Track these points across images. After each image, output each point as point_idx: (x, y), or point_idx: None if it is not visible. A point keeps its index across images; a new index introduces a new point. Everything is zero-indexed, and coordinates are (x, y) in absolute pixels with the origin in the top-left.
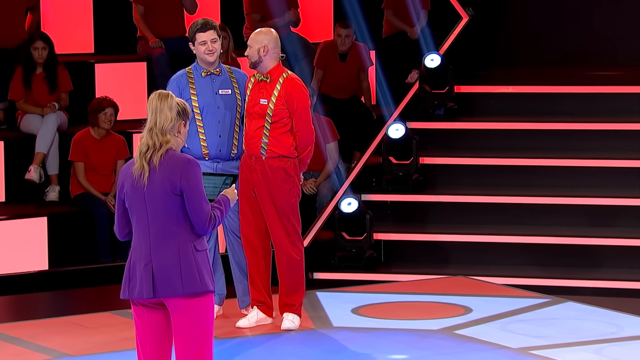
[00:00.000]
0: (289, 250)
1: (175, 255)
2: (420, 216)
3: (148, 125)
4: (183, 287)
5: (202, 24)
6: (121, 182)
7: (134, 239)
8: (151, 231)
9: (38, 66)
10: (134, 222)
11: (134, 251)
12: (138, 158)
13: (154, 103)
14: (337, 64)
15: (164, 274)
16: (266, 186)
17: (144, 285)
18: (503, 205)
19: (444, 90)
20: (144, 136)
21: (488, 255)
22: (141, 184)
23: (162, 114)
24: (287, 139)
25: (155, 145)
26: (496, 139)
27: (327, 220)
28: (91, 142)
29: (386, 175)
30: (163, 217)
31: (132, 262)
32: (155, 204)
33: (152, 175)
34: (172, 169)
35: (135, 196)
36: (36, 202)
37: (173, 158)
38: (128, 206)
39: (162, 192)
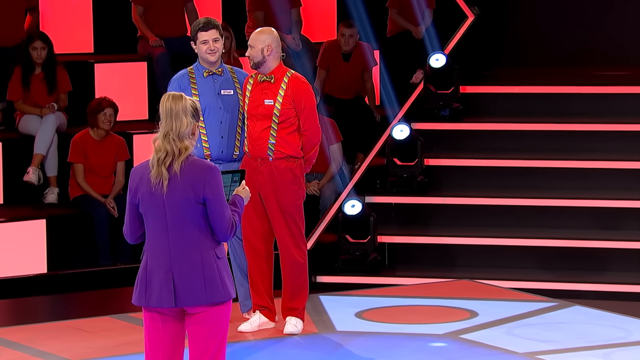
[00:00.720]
0: (293, 253)
1: (197, 264)
2: (425, 218)
3: (163, 130)
4: (207, 296)
5: (204, 22)
6: (134, 186)
7: (150, 245)
8: (171, 239)
9: (37, 66)
10: (150, 228)
11: (150, 258)
12: (155, 165)
13: (168, 106)
14: (340, 64)
15: (186, 283)
16: (273, 188)
17: (164, 294)
18: (509, 207)
19: (449, 91)
20: (158, 141)
21: (494, 259)
22: (160, 191)
23: (177, 119)
24: (294, 139)
25: (174, 151)
26: (502, 140)
27: (330, 222)
28: (90, 143)
29: (390, 177)
30: (184, 225)
31: (148, 269)
32: (175, 211)
33: (172, 183)
34: (193, 176)
35: (153, 202)
36: (35, 204)
37: (194, 165)
38: (143, 211)
39: (183, 201)
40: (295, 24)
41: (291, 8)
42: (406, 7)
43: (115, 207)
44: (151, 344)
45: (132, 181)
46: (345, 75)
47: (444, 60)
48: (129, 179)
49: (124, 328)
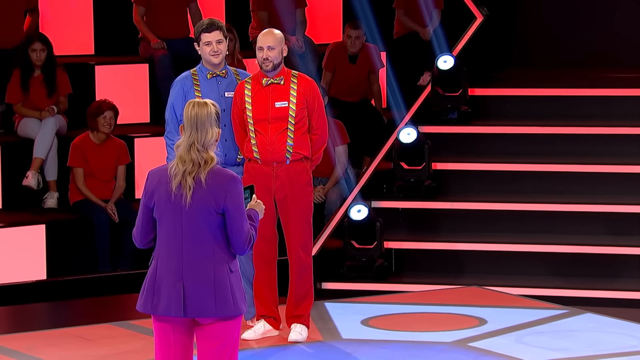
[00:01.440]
0: (302, 258)
1: (209, 276)
2: (432, 224)
3: (188, 141)
4: (216, 309)
5: (207, 24)
6: (151, 189)
7: (161, 251)
8: (185, 247)
9: (36, 68)
10: (164, 234)
11: (160, 264)
12: (180, 175)
13: (193, 114)
14: (346, 66)
15: (196, 294)
16: (291, 191)
17: (172, 303)
18: (519, 212)
19: (457, 93)
20: (182, 150)
21: (503, 265)
22: (181, 199)
23: (203, 129)
24: (306, 139)
25: (200, 162)
26: (512, 143)
27: (335, 228)
28: (91, 147)
29: (397, 182)
30: (200, 235)
31: (157, 275)
32: (193, 220)
33: (195, 193)
34: (216, 186)
35: (170, 209)
36: (34, 209)
37: (217, 174)
38: (157, 216)
39: (203, 210)
40: (299, 25)
41: (296, 8)
42: (413, 8)
43: (116, 212)
44: (161, 354)
45: (149, 184)
46: (352, 78)
47: (452, 62)
48: (146, 181)
49: (125, 336)
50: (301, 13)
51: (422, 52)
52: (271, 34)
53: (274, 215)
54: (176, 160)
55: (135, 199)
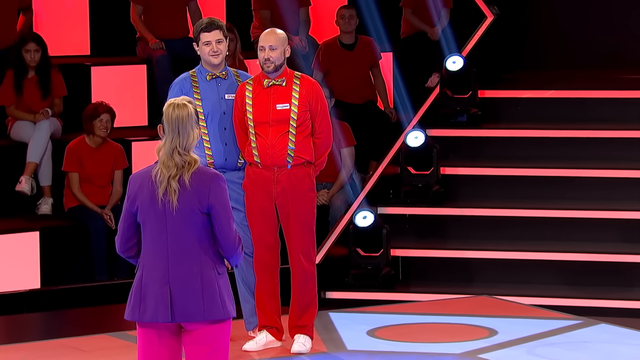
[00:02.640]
0: (305, 266)
1: (197, 278)
2: (441, 231)
3: (170, 145)
4: (204, 312)
5: (207, 23)
6: (133, 193)
7: (146, 257)
8: (170, 251)
9: (30, 69)
10: (148, 239)
11: (145, 270)
12: (165, 181)
13: (173, 117)
14: (343, 60)
15: (184, 298)
16: (292, 196)
17: (159, 308)
18: (530, 219)
19: (466, 95)
20: (164, 155)
21: (515, 273)
22: (167, 203)
23: (185, 132)
24: (309, 143)
25: (184, 165)
26: (523, 147)
27: (340, 235)
28: (86, 151)
29: (404, 187)
30: (186, 236)
31: (143, 282)
32: (178, 222)
33: (181, 195)
34: (199, 185)
35: (155, 213)
36: (27, 215)
37: (200, 174)
38: (141, 221)
39: (188, 212)
40: (303, 24)
41: (299, 7)
42: (421, 6)
43: (113, 218)
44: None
45: (130, 188)
46: (351, 73)
47: (461, 62)
48: (128, 185)
49: (122, 347)
50: (305, 12)
51: (430, 52)
52: (273, 34)
53: (275, 222)
54: (159, 165)
55: None
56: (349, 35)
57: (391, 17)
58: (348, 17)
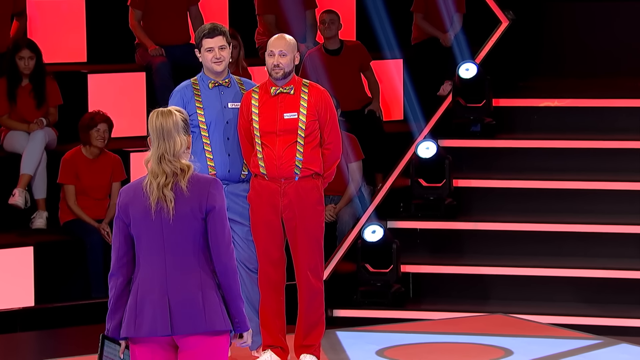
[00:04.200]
0: (312, 283)
1: (197, 289)
2: (454, 246)
3: (157, 153)
4: (206, 323)
5: (209, 28)
6: (125, 204)
7: (142, 269)
8: (167, 262)
9: (24, 77)
10: (142, 252)
11: (141, 284)
12: (155, 189)
13: (158, 124)
14: (330, 66)
15: (183, 309)
16: (300, 210)
17: (157, 321)
18: (548, 234)
19: (480, 104)
20: (152, 164)
21: (531, 290)
22: (162, 213)
23: (170, 139)
24: (317, 154)
25: (175, 172)
26: (540, 158)
27: (348, 250)
28: (83, 162)
29: (415, 200)
30: (184, 246)
31: (138, 297)
32: (174, 232)
33: (176, 203)
34: (197, 191)
35: (149, 224)
36: (21, 230)
37: (197, 180)
38: (135, 233)
39: (185, 219)
40: (310, 28)
41: (305, 10)
42: (433, 11)
43: (110, 233)
44: None
45: (122, 200)
46: (340, 78)
47: (474, 70)
48: (118, 198)
49: None
50: (311, 15)
51: (442, 59)
52: (283, 39)
53: (282, 236)
54: (148, 176)
55: None
56: (333, 41)
57: (401, 23)
58: (328, 22)
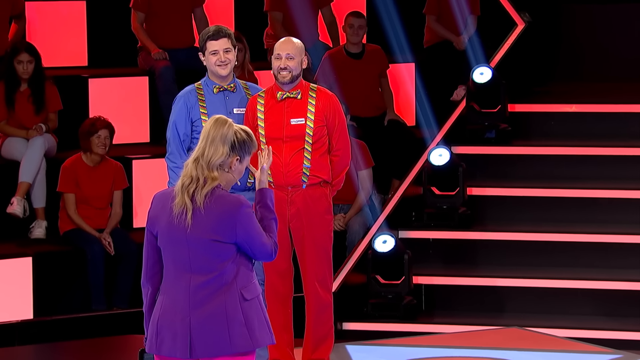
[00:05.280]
0: (321, 295)
1: (221, 310)
2: (467, 256)
3: (195, 154)
4: (231, 345)
5: (214, 31)
6: (155, 214)
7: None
8: (192, 281)
9: (22, 82)
10: (169, 266)
11: (166, 298)
12: (179, 191)
13: (207, 129)
14: (351, 69)
15: (205, 332)
16: (307, 219)
17: (177, 343)
18: (565, 244)
19: (495, 110)
20: (188, 165)
21: (548, 303)
22: (183, 224)
23: (212, 146)
24: (326, 161)
25: (199, 179)
26: (557, 166)
27: (358, 261)
28: (83, 170)
29: (428, 209)
30: (208, 267)
31: (161, 312)
32: (199, 250)
33: (196, 217)
34: (221, 213)
35: (174, 236)
36: (19, 240)
37: (221, 200)
38: (161, 245)
39: (208, 240)
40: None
41: (320, 8)
42: (446, 13)
43: (112, 243)
44: None
45: (152, 209)
46: (360, 83)
47: (489, 74)
48: (150, 205)
49: None
50: (328, 12)
51: (455, 63)
52: (291, 42)
53: (289, 246)
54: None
55: (133, 228)
56: (357, 45)
57: (413, 25)
58: (357, 27)
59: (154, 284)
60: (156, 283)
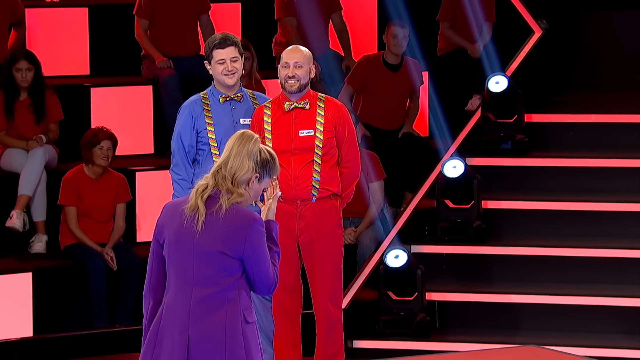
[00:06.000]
0: (331, 312)
1: (220, 328)
2: (483, 272)
3: (217, 164)
4: None
5: (220, 39)
6: (163, 222)
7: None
8: (194, 294)
9: (22, 91)
10: (172, 277)
11: (166, 310)
12: (193, 195)
13: (234, 141)
14: (383, 81)
15: (203, 349)
16: (317, 233)
17: (174, 356)
18: (584, 259)
19: (511, 120)
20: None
21: (566, 321)
22: (192, 230)
23: (237, 159)
24: (335, 173)
25: (220, 186)
26: (575, 178)
27: (369, 276)
28: (85, 182)
29: (441, 222)
30: (212, 280)
31: (161, 324)
32: (204, 261)
33: (207, 224)
34: (232, 225)
35: (181, 245)
36: (19, 254)
37: (235, 212)
38: (167, 255)
39: (215, 251)
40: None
41: (330, 14)
42: (460, 20)
43: (114, 258)
44: None
45: (162, 217)
46: (389, 97)
47: (505, 83)
48: (160, 214)
49: None
50: (338, 18)
51: (470, 71)
52: (299, 50)
53: (297, 261)
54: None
55: (136, 243)
56: (397, 56)
57: (426, 32)
58: (401, 38)
59: (156, 296)
60: (158, 295)
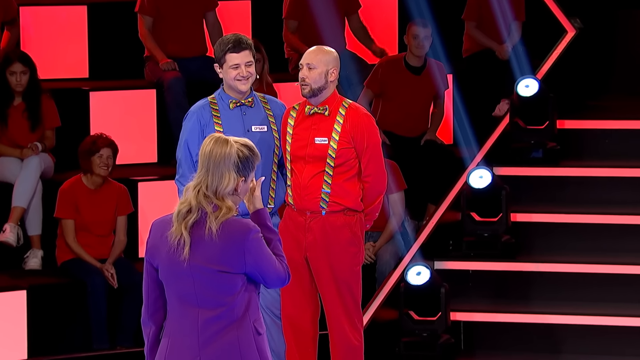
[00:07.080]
0: (348, 334)
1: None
2: (512, 290)
3: (195, 181)
4: None
5: (234, 41)
6: (153, 244)
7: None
8: (200, 317)
9: (16, 95)
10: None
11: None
12: (175, 219)
13: (206, 151)
14: (407, 84)
15: None
16: (326, 249)
17: None
18: (622, 276)
19: (542, 126)
20: (189, 190)
21: (605, 342)
22: (181, 257)
23: (217, 172)
24: (353, 186)
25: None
26: (612, 189)
27: (389, 295)
28: (83, 193)
29: (467, 237)
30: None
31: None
32: (204, 283)
33: (199, 247)
34: (227, 241)
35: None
36: (12, 271)
37: (227, 226)
38: (163, 279)
39: (214, 270)
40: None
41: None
42: (487, 19)
43: (115, 274)
44: None
45: (151, 238)
46: (412, 101)
47: (535, 86)
48: (149, 234)
49: None
50: (356, 19)
51: (498, 74)
52: (315, 51)
53: (307, 275)
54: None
55: (138, 258)
56: (419, 58)
57: (451, 32)
58: (423, 39)
59: (157, 321)
60: (159, 320)
